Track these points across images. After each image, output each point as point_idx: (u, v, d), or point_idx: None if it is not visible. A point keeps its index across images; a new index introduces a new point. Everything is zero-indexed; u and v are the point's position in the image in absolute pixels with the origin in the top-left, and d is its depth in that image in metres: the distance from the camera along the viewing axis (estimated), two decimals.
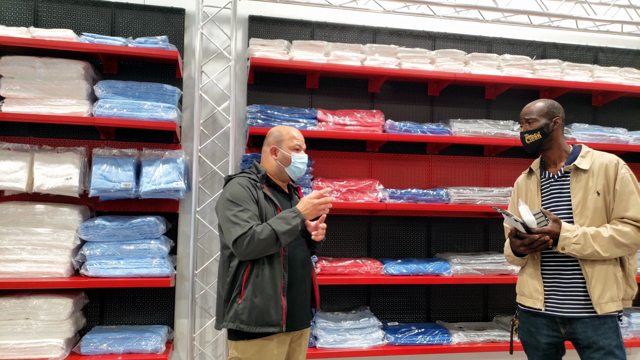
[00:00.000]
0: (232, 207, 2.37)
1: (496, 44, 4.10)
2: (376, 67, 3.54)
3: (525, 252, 2.39)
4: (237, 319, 2.34)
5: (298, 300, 2.49)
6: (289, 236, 2.35)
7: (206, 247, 3.55)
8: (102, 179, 3.11)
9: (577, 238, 2.30)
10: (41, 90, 3.10)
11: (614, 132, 3.90)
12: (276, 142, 2.58)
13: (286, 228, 2.33)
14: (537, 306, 2.44)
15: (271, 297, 2.36)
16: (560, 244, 2.32)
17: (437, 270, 3.51)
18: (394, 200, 3.52)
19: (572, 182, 2.42)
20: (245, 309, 2.33)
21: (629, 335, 3.78)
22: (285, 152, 2.56)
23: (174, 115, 3.19)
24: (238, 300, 2.35)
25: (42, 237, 3.05)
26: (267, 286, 2.36)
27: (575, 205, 2.39)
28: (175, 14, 3.60)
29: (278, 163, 2.57)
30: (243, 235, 2.28)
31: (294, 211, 2.39)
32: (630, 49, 4.34)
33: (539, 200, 2.52)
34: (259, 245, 2.29)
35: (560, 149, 2.51)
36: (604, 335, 2.33)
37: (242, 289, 2.36)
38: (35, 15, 3.43)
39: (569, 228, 2.33)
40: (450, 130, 3.64)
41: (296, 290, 2.49)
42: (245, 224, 2.31)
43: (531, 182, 2.59)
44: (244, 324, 2.33)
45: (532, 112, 2.51)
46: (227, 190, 2.44)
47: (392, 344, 3.43)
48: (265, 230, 2.30)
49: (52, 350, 2.98)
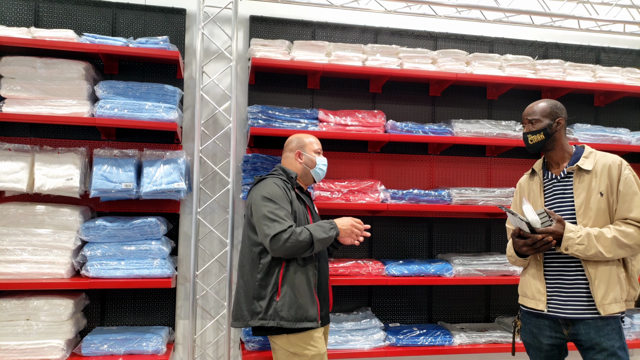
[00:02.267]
0: (270, 205, 2.49)
1: (498, 44, 4.09)
2: (377, 67, 3.52)
3: (528, 252, 2.37)
4: (276, 316, 2.45)
5: (324, 296, 2.66)
6: (322, 244, 2.51)
7: (207, 249, 3.54)
8: (103, 180, 3.10)
9: (580, 239, 2.29)
10: (42, 90, 3.09)
11: (616, 132, 3.88)
12: (300, 147, 2.79)
13: (323, 236, 2.49)
14: (539, 307, 2.43)
15: (307, 294, 2.50)
16: (563, 245, 2.31)
17: (439, 271, 3.50)
18: (396, 200, 3.51)
19: (575, 183, 2.41)
20: (284, 305, 2.45)
21: (631, 336, 3.75)
22: (310, 155, 2.78)
23: (175, 115, 3.18)
24: (276, 298, 2.47)
25: (42, 237, 3.04)
26: (302, 283, 2.50)
27: (578, 206, 2.38)
28: (176, 14, 3.59)
29: (304, 166, 2.77)
30: (283, 232, 2.40)
31: (332, 223, 2.57)
32: (633, 49, 4.33)
33: (541, 201, 2.51)
34: (296, 245, 2.41)
35: (563, 149, 2.50)
36: (607, 337, 2.32)
37: (280, 286, 2.48)
38: (36, 16, 3.42)
39: (573, 229, 2.31)
40: (452, 131, 3.63)
41: (323, 287, 2.66)
42: (283, 222, 2.44)
43: (534, 182, 2.58)
44: (284, 320, 2.45)
45: (535, 112, 2.50)
46: (264, 188, 2.56)
47: (393, 345, 3.41)
48: (304, 234, 2.44)
49: (52, 351, 2.97)
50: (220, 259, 3.46)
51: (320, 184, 3.43)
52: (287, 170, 2.73)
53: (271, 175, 2.69)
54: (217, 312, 3.50)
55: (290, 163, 2.79)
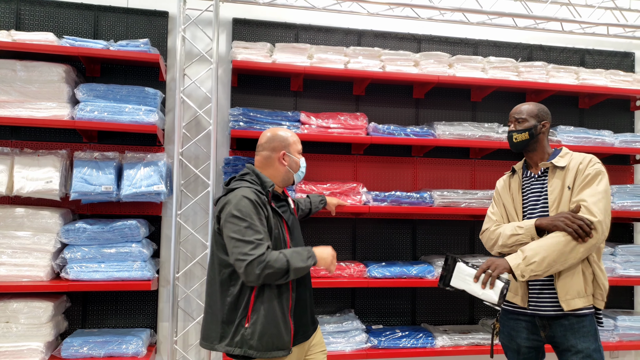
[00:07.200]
0: (242, 225, 2.18)
1: (482, 46, 4.10)
2: (359, 69, 3.53)
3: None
4: (245, 344, 2.21)
5: (304, 311, 2.41)
6: (297, 274, 2.24)
7: (189, 251, 3.54)
8: (83, 182, 3.10)
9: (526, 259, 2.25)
10: (22, 93, 3.10)
11: (599, 134, 3.89)
12: (284, 146, 2.43)
13: (299, 265, 2.21)
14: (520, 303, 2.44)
15: (280, 320, 2.24)
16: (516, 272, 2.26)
17: (421, 273, 3.50)
18: (378, 203, 3.51)
19: (550, 179, 2.47)
20: (254, 333, 2.19)
21: (615, 338, 3.76)
22: (294, 157, 2.45)
23: (156, 118, 3.19)
24: (245, 324, 2.21)
25: (22, 240, 3.04)
26: (275, 309, 2.24)
27: (551, 201, 2.43)
28: (158, 17, 3.60)
29: (287, 169, 2.44)
30: (255, 260, 2.12)
31: (310, 252, 2.30)
32: (618, 51, 4.34)
33: (520, 198, 2.56)
34: (271, 275, 2.15)
35: (544, 151, 2.56)
36: (583, 339, 2.33)
37: (249, 312, 2.22)
38: (18, 19, 3.43)
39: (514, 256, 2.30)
40: (434, 133, 3.63)
41: (302, 304, 2.40)
42: (258, 246, 2.15)
43: (513, 181, 2.63)
44: (254, 349, 2.20)
45: (522, 112, 2.56)
46: (235, 205, 2.21)
47: (375, 347, 3.41)
48: (280, 261, 2.17)
49: (32, 353, 2.96)
50: (201, 261, 3.47)
51: (302, 186, 3.44)
52: (262, 179, 2.36)
53: (243, 186, 2.30)
54: (199, 314, 3.50)
55: (270, 165, 2.42)
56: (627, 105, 4.29)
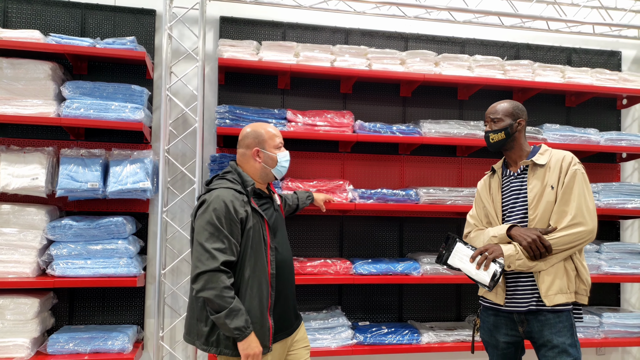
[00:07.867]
0: (207, 228, 2.18)
1: (469, 44, 4.12)
2: (345, 68, 3.55)
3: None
4: (220, 344, 2.22)
5: (286, 307, 2.40)
6: (222, 327, 2.17)
7: (175, 248, 3.56)
8: (69, 179, 3.12)
9: (518, 254, 2.36)
10: (8, 90, 3.11)
11: (585, 132, 3.92)
12: (257, 143, 2.41)
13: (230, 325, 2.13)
14: (497, 301, 2.47)
15: (258, 319, 2.23)
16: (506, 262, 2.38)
17: (407, 269, 3.52)
18: (364, 200, 3.53)
19: (530, 177, 2.49)
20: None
21: (600, 335, 3.79)
22: (270, 153, 2.43)
23: (142, 115, 3.20)
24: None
25: (8, 237, 3.06)
26: (253, 309, 2.22)
27: (530, 199, 2.44)
28: (146, 15, 3.62)
29: (263, 165, 2.42)
30: (207, 273, 2.13)
31: (248, 330, 2.17)
32: (604, 49, 4.36)
33: (499, 198, 2.57)
34: (210, 299, 2.12)
35: (522, 149, 2.58)
36: (559, 334, 2.35)
37: None
38: (5, 16, 3.44)
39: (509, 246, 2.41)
40: (420, 131, 3.65)
41: (284, 300, 2.38)
42: (213, 257, 2.14)
43: (494, 180, 2.64)
44: (229, 349, 2.20)
45: (497, 111, 2.57)
46: (207, 207, 2.22)
47: (361, 344, 3.44)
48: (227, 300, 2.13)
49: (17, 349, 2.99)
50: (187, 258, 3.48)
51: (288, 183, 3.46)
52: (243, 178, 2.36)
53: (222, 187, 2.29)
54: (185, 311, 3.51)
55: (246, 162, 2.43)
56: (613, 103, 4.32)
